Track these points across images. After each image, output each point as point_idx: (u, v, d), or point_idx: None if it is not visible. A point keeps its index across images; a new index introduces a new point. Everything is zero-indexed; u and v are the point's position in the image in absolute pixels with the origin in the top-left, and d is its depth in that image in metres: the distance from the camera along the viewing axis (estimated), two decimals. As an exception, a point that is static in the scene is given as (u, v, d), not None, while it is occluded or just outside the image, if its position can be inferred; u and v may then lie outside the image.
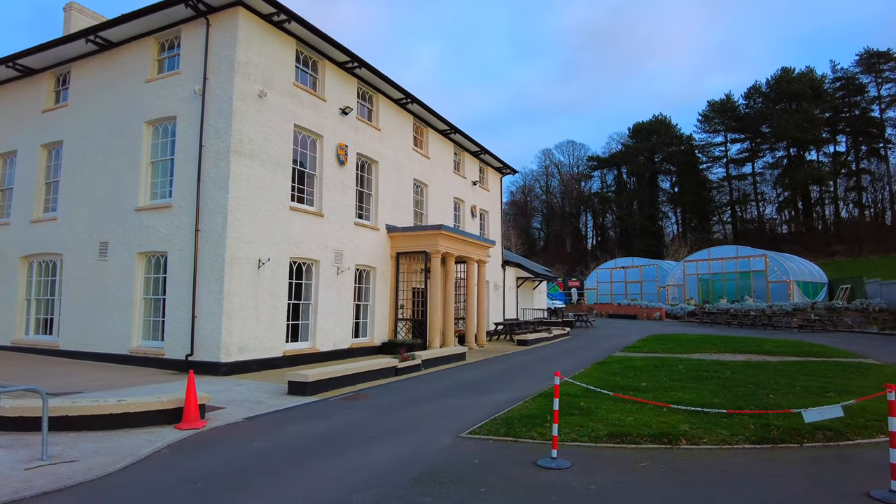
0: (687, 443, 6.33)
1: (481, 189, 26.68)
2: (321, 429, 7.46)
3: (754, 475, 5.29)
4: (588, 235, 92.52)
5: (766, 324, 29.61)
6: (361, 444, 6.64)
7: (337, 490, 4.92)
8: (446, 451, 6.23)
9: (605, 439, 6.51)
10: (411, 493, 4.82)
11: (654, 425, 6.91)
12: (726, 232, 74.85)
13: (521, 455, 6.03)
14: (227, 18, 13.19)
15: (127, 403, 7.32)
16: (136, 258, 13.79)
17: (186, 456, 6.12)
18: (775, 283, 35.05)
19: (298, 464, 5.78)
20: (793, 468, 5.52)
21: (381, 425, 7.68)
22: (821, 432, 6.59)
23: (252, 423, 7.83)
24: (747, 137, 73.22)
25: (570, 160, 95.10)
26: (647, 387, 9.93)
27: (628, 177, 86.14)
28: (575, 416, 7.53)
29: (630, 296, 44.99)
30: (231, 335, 12.41)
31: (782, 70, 70.01)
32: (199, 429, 7.36)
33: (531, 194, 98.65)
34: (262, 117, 13.55)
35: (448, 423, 7.66)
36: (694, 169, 76.13)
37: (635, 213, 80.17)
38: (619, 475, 5.30)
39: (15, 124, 16.84)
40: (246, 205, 12.97)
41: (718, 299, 37.26)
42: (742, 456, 5.93)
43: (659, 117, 79.74)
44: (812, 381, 10.46)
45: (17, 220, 16.34)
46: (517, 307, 30.89)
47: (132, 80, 14.49)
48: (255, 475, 5.37)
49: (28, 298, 15.92)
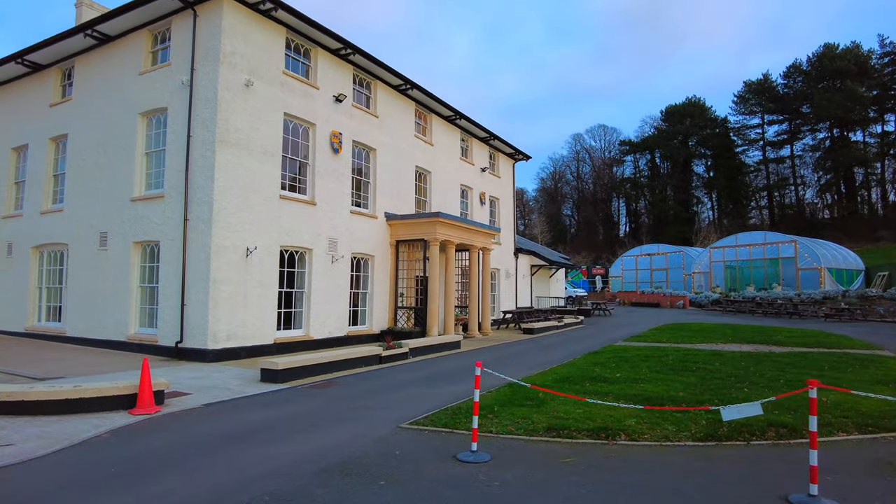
0: (626, 438, 6.06)
1: (491, 176, 26.31)
2: (270, 416, 7.48)
3: (676, 475, 5.00)
4: (620, 222, 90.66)
5: (792, 312, 28.37)
6: (299, 432, 6.62)
7: (239, 479, 4.89)
8: (376, 442, 6.14)
9: (543, 432, 6.30)
10: (309, 484, 4.75)
11: (599, 419, 6.66)
12: (763, 217, 72.01)
13: (448, 447, 5.89)
14: (212, 9, 13.25)
15: (82, 389, 7.49)
16: (132, 247, 14.14)
17: (122, 441, 6.22)
18: (805, 270, 33.52)
19: (223, 451, 5.79)
20: (724, 467, 5.20)
21: (330, 414, 7.65)
22: (774, 429, 6.22)
23: (208, 410, 7.92)
24: (786, 118, 69.91)
25: (601, 145, 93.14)
26: (620, 378, 9.61)
27: (662, 161, 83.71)
28: (524, 408, 7.34)
29: (655, 284, 43.86)
30: (218, 322, 12.61)
31: (825, 47, 66.39)
32: (151, 414, 7.49)
33: (562, 180, 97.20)
34: (249, 106, 13.61)
35: (398, 413, 7.57)
36: (729, 152, 73.25)
37: (669, 198, 77.91)
38: (534, 471, 5.11)
39: (26, 119, 17.45)
40: (233, 194, 13.10)
41: (745, 287, 35.91)
42: (678, 454, 5.63)
43: (692, 99, 76.95)
44: (801, 374, 9.92)
45: (29, 211, 16.98)
46: (531, 295, 30.51)
47: (128, 73, 14.77)
48: (171, 463, 5.40)
49: (39, 287, 16.58)
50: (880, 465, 5.23)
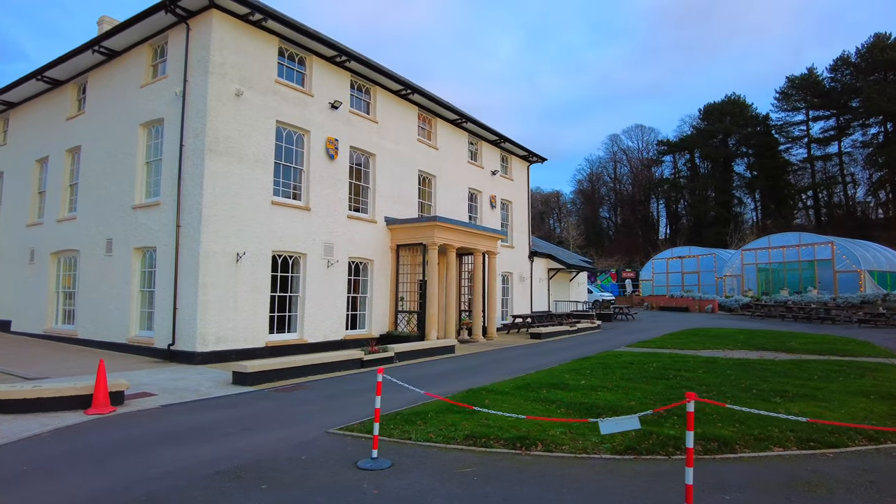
0: (542, 449, 5.88)
1: (503, 179, 26.09)
2: (215, 418, 7.64)
3: (564, 490, 4.81)
4: (660, 224, 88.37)
5: (824, 317, 26.87)
6: (230, 434, 6.74)
7: (133, 480, 5.00)
8: (295, 446, 6.18)
9: (460, 440, 6.19)
10: (193, 486, 4.83)
11: (523, 427, 6.49)
12: (809, 218, 68.70)
13: (359, 453, 5.86)
14: (203, 21, 13.69)
15: (41, 389, 7.85)
16: (133, 253, 14.73)
17: (57, 440, 6.47)
18: (843, 272, 31.71)
19: (143, 452, 5.93)
20: (620, 483, 4.96)
21: (274, 417, 7.75)
22: (702, 443, 5.90)
23: (163, 411, 8.16)
24: (833, 114, 66.50)
25: (638, 145, 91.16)
26: (583, 385, 9.33)
27: (701, 161, 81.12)
28: (457, 414, 7.22)
29: (686, 287, 42.44)
30: (207, 326, 12.96)
31: (875, 37, 62.87)
32: (104, 414, 7.77)
33: (599, 182, 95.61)
34: (240, 115, 13.97)
35: (339, 418, 7.59)
36: (771, 151, 70.25)
37: (710, 199, 75.39)
38: (425, 480, 5.02)
39: (47, 132, 18.46)
40: (222, 201, 13.45)
41: (779, 291, 34.27)
42: (586, 467, 5.41)
43: (732, 97, 74.25)
44: (783, 383, 9.39)
45: (48, 219, 17.95)
46: (549, 299, 30.05)
47: (131, 86, 15.42)
48: (82, 463, 5.57)
49: (56, 291, 17.47)
50: (794, 486, 4.89)
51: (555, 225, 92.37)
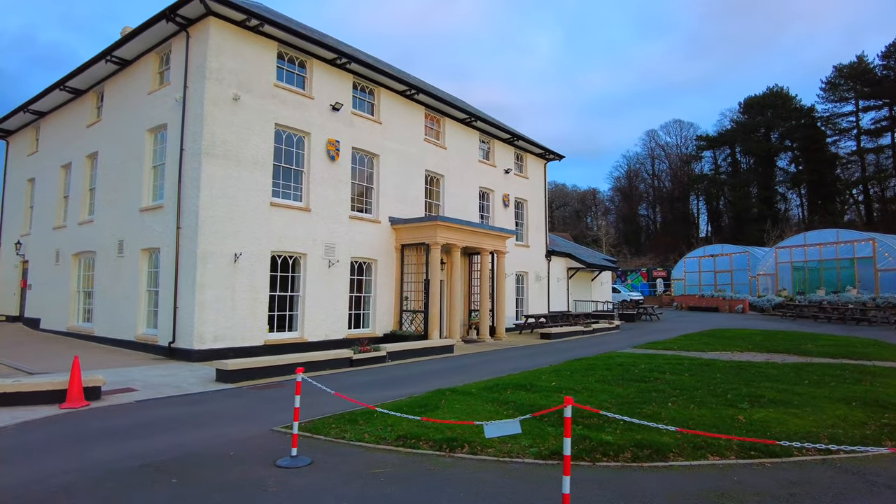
0: (467, 451, 5.81)
1: (518, 177, 25.82)
2: (180, 414, 7.88)
3: (461, 494, 4.74)
4: (700, 221, 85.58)
5: (860, 319, 25.40)
6: (181, 429, 6.94)
7: (59, 471, 5.22)
8: (232, 443, 6.31)
9: (392, 440, 6.19)
10: (106, 479, 4.99)
11: (459, 429, 6.42)
12: (860, 213, 65.09)
13: (286, 451, 5.93)
14: (201, 29, 14.11)
15: (20, 384, 8.28)
16: (140, 254, 15.33)
17: (18, 433, 6.81)
18: (886, 271, 29.90)
19: (91, 445, 6.17)
20: (523, 490, 4.84)
21: (234, 414, 7.93)
22: (633, 450, 5.70)
23: (136, 406, 8.47)
24: (885, 104, 62.68)
25: (676, 141, 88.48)
26: (553, 386, 9.14)
27: (742, 156, 78.06)
28: (403, 413, 7.19)
29: (719, 286, 40.93)
30: (204, 325, 13.37)
31: (932, 20, 58.97)
32: (76, 409, 8.14)
33: (637, 179, 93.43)
34: (238, 119, 14.34)
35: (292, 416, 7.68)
36: (817, 144, 66.83)
37: (752, 195, 72.48)
38: (331, 480, 5.03)
39: (71, 139, 19.43)
40: (220, 203, 13.83)
41: (815, 290, 32.64)
42: (501, 472, 5.26)
43: (774, 89, 71.09)
44: (764, 389, 8.93)
45: (70, 222, 18.89)
46: (568, 299, 29.58)
47: (141, 93, 16.06)
48: (22, 455, 5.83)
49: (78, 290, 18.36)
50: (706, 497, 4.66)
51: (592, 223, 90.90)
